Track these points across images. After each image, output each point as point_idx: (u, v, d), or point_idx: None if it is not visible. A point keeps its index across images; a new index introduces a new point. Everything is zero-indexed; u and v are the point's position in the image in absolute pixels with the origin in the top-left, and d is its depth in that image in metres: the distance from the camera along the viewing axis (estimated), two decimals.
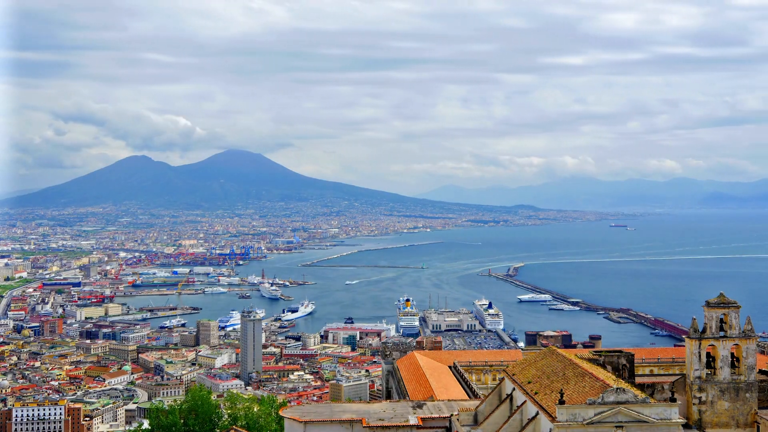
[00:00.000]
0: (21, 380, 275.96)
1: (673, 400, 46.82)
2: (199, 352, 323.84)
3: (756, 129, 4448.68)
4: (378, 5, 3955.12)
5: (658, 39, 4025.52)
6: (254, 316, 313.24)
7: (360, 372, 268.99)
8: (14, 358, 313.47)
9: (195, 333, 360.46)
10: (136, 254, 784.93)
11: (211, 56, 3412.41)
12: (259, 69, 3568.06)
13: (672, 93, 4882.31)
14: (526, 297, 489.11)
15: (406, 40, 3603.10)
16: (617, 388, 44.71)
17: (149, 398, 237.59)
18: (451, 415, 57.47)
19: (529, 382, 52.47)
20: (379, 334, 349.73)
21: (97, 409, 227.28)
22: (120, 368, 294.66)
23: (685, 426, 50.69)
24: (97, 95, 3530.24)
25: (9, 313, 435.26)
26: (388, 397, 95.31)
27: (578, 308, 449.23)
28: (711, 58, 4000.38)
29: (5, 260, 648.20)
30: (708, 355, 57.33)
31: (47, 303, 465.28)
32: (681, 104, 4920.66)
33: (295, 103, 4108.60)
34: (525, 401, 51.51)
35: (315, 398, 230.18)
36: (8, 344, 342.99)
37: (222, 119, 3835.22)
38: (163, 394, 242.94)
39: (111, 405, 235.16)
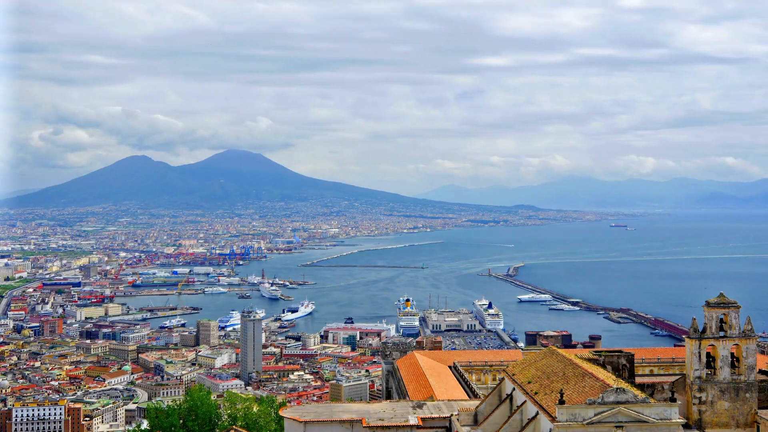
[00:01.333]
0: (21, 380, 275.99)
1: (673, 400, 46.80)
2: (199, 352, 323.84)
3: (721, 129, 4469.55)
4: (278, 7, 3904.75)
5: (571, 40, 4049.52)
6: (254, 316, 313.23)
7: (360, 372, 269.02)
8: (14, 358, 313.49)
9: (195, 333, 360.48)
10: (136, 254, 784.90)
11: (153, 58, 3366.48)
12: (202, 70, 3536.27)
13: (618, 94, 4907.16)
14: (526, 297, 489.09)
15: (328, 42, 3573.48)
16: (617, 388, 44.71)
17: (149, 398, 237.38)
18: (451, 415, 57.47)
19: (529, 382, 52.47)
20: (379, 334, 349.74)
21: (97, 409, 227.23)
22: (120, 368, 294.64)
23: (685, 426, 50.68)
24: (56, 97, 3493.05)
25: (9, 313, 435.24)
26: (388, 397, 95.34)
27: (578, 308, 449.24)
28: (634, 59, 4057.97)
29: (5, 260, 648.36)
30: (708, 355, 57.32)
31: (47, 303, 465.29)
32: (635, 105, 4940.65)
33: (248, 104, 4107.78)
34: (525, 401, 51.52)
35: (315, 398, 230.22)
36: (8, 344, 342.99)
37: (183, 119, 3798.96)
38: (163, 394, 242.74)
39: (111, 405, 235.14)
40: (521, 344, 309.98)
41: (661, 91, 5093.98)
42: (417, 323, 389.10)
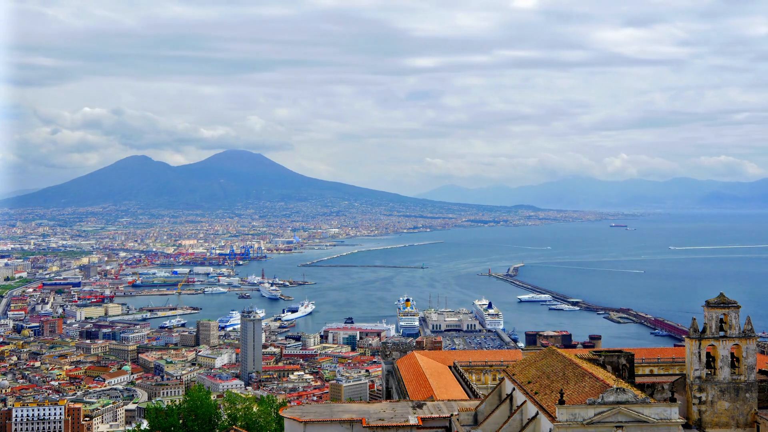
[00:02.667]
0: (21, 380, 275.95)
1: (673, 400, 46.82)
2: (199, 352, 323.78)
3: (684, 129, 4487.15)
4: (193, 11, 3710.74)
5: (486, 42, 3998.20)
6: (254, 316, 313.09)
7: (360, 372, 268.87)
8: (14, 358, 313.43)
9: (195, 333, 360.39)
10: (136, 254, 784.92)
11: (96, 60, 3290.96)
12: (146, 72, 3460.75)
13: (567, 95, 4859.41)
14: (526, 297, 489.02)
15: (254, 43, 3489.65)
16: (617, 388, 44.72)
17: (149, 398, 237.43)
18: (451, 415, 57.49)
19: (529, 382, 52.48)
20: (379, 334, 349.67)
21: (97, 409, 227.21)
22: (120, 368, 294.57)
23: (685, 426, 50.70)
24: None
25: (9, 313, 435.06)
26: (388, 397, 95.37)
27: (578, 308, 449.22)
28: (565, 61, 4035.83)
29: (5, 260, 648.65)
30: (708, 355, 57.35)
31: (47, 303, 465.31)
32: (592, 106, 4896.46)
33: (199, 105, 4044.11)
34: (525, 401, 51.53)
35: (315, 398, 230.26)
36: (8, 344, 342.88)
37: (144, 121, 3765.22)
38: (163, 394, 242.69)
39: (111, 405, 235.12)
40: (521, 344, 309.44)
41: (609, 92, 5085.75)
42: (417, 323, 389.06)
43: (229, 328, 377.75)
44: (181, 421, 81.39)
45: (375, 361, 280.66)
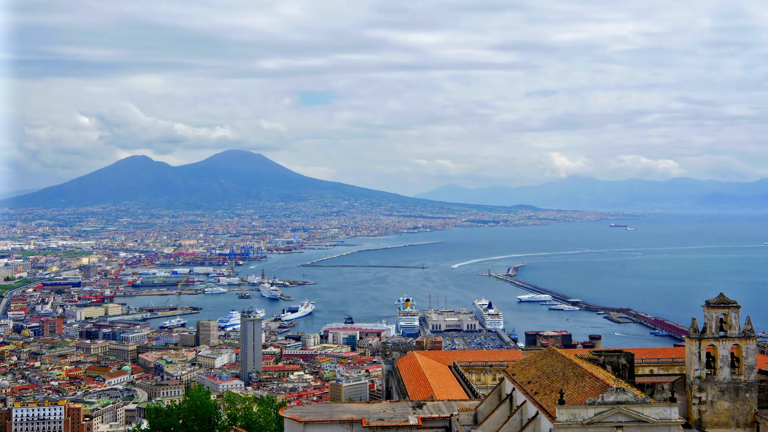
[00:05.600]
0: (21, 380, 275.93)
1: (673, 400, 46.83)
2: (199, 352, 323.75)
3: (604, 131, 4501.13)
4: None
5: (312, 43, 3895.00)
6: (254, 316, 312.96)
7: (360, 372, 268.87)
8: (14, 358, 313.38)
9: (195, 333, 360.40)
10: (136, 254, 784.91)
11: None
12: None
13: (474, 95, 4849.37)
14: (526, 297, 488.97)
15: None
16: (617, 388, 44.72)
17: (149, 398, 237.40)
18: (451, 415, 57.48)
19: (529, 382, 52.49)
20: (379, 334, 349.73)
21: (97, 409, 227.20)
22: (120, 368, 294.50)
23: (685, 426, 50.70)
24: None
25: (9, 313, 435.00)
26: (388, 397, 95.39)
27: (578, 308, 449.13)
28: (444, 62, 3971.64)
29: (5, 260, 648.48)
30: (708, 355, 57.35)
31: (47, 303, 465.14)
32: (516, 104, 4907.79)
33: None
34: (525, 401, 51.53)
35: (315, 398, 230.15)
36: (8, 344, 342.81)
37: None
38: (163, 394, 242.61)
39: (111, 405, 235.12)
40: (521, 344, 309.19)
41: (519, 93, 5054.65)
42: (417, 323, 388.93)
43: (229, 328, 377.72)
44: (181, 421, 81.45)
45: (375, 361, 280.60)
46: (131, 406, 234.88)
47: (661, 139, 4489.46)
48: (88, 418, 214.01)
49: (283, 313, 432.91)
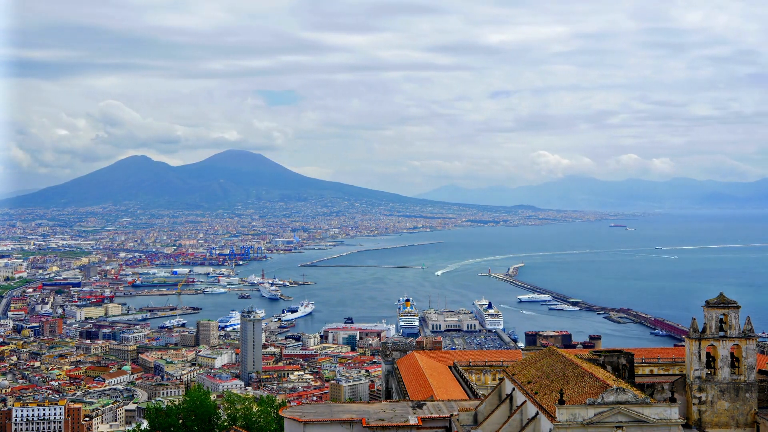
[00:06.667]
0: (21, 380, 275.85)
1: (673, 400, 46.84)
2: (199, 352, 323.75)
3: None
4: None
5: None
6: (254, 316, 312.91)
7: (360, 372, 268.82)
8: (14, 358, 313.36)
9: (195, 333, 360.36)
10: (136, 254, 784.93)
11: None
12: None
13: (432, 96, 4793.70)
14: (526, 297, 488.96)
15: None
16: (617, 388, 44.73)
17: (149, 398, 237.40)
18: (451, 415, 57.49)
19: (529, 382, 52.49)
20: (379, 334, 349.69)
21: (97, 409, 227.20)
22: (120, 368, 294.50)
23: (685, 426, 50.71)
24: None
25: (9, 313, 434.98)
26: (388, 397, 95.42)
27: (578, 308, 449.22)
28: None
29: (5, 260, 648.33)
30: (708, 355, 57.35)
31: (47, 303, 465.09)
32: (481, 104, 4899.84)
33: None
34: (525, 401, 51.53)
35: (315, 398, 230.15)
36: (8, 344, 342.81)
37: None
38: (163, 394, 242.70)
39: (111, 405, 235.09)
40: (521, 344, 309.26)
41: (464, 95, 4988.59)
42: (417, 323, 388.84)
43: (229, 328, 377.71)
44: (180, 421, 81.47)
45: (375, 361, 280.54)
46: (131, 406, 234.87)
47: (634, 140, 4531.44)
48: (88, 418, 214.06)
49: (283, 313, 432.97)
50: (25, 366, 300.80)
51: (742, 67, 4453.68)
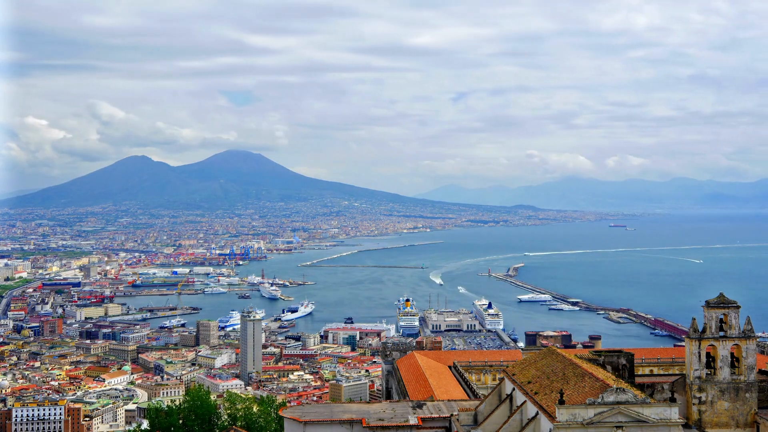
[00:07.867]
0: (21, 380, 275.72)
1: (673, 400, 46.84)
2: (199, 352, 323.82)
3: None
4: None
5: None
6: (254, 316, 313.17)
7: (360, 372, 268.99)
8: (14, 358, 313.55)
9: (195, 333, 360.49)
10: (136, 254, 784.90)
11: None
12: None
13: (388, 97, 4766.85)
14: (526, 297, 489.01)
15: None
16: (617, 389, 44.73)
17: (149, 398, 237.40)
18: (451, 415, 57.50)
19: (529, 382, 52.49)
20: (379, 334, 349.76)
21: (97, 409, 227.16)
22: (120, 368, 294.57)
23: (685, 426, 50.71)
24: None
25: (9, 313, 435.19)
26: (388, 397, 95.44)
27: (578, 308, 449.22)
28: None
29: (5, 260, 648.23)
30: (708, 355, 57.36)
31: (47, 303, 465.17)
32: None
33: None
34: (525, 401, 51.54)
35: (315, 398, 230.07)
36: (8, 344, 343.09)
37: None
38: (163, 394, 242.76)
39: (111, 405, 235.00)
40: (521, 344, 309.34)
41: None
42: (417, 323, 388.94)
43: (229, 328, 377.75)
44: (181, 421, 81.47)
45: (375, 361, 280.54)
46: (131, 406, 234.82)
47: (604, 140, 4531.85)
48: (88, 418, 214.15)
49: (283, 313, 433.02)
50: (25, 366, 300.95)
51: (681, 69, 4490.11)
